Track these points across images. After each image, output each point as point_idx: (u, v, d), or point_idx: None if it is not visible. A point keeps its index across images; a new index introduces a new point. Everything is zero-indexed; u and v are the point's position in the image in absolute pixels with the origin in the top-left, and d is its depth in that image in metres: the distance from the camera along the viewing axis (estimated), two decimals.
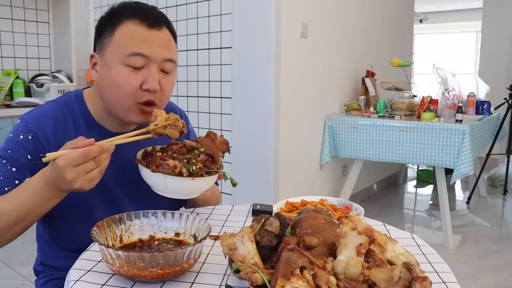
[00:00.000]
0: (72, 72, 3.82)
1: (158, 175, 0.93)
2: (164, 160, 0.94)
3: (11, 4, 3.60)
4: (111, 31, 0.99)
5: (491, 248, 2.99)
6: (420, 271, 0.63)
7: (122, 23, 0.98)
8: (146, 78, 0.97)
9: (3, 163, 0.97)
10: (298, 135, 3.01)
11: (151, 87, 0.97)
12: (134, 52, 0.96)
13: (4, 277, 2.46)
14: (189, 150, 0.99)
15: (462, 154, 2.78)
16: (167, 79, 1.02)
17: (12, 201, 0.89)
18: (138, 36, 0.97)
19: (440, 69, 3.43)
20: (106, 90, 1.00)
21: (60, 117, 1.04)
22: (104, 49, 1.00)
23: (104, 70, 1.00)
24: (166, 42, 1.01)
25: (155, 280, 0.74)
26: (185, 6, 3.10)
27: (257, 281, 0.67)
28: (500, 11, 5.45)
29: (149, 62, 0.98)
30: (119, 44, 0.98)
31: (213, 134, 1.06)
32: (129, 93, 0.97)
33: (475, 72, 6.44)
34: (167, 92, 1.03)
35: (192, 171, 0.94)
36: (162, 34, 1.00)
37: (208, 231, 0.80)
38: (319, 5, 3.05)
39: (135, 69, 0.97)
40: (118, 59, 0.97)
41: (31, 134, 0.99)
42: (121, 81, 0.97)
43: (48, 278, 1.12)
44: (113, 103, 1.01)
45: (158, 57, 0.98)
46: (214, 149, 1.03)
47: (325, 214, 0.80)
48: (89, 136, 1.02)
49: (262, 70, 2.73)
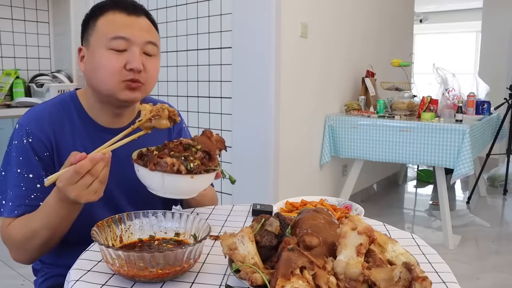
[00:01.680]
0: (72, 72, 3.82)
1: (156, 173, 0.91)
2: (162, 158, 0.92)
3: (11, 4, 3.60)
4: (94, 22, 1.05)
5: (491, 248, 2.99)
6: (420, 271, 0.63)
7: (103, 14, 1.04)
8: (129, 59, 1.01)
9: (18, 173, 1.00)
10: (298, 135, 3.01)
11: (134, 67, 1.01)
12: (116, 36, 1.01)
13: (4, 277, 2.46)
14: (186, 147, 0.98)
15: (462, 154, 2.78)
16: (151, 61, 1.06)
17: (40, 220, 0.94)
18: (118, 21, 1.03)
19: (440, 69, 3.43)
20: (93, 75, 1.04)
21: (55, 115, 1.06)
22: (89, 39, 1.05)
23: (90, 58, 1.05)
24: (146, 26, 1.06)
25: (155, 280, 0.74)
26: (185, 6, 3.10)
27: (257, 281, 0.67)
28: (500, 11, 5.45)
29: (130, 44, 1.02)
30: (102, 31, 1.03)
31: (209, 132, 1.06)
32: (114, 73, 1.01)
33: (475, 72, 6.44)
34: (152, 73, 1.06)
35: (190, 169, 0.92)
36: (141, 20, 1.06)
37: (208, 231, 0.80)
38: (319, 5, 3.05)
39: (118, 52, 1.01)
40: (102, 44, 1.02)
41: (30, 137, 1.02)
42: (104, 63, 1.01)
43: (46, 277, 1.13)
44: (100, 85, 1.04)
45: (139, 39, 1.03)
46: (210, 146, 1.02)
47: (325, 214, 0.80)
48: (85, 132, 1.08)
49: (262, 70, 2.73)
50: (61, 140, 1.04)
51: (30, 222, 0.96)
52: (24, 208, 0.99)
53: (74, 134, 1.07)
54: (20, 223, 0.98)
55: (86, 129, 1.08)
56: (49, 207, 0.93)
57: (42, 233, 0.95)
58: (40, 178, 1.01)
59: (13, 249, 1.02)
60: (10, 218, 1.00)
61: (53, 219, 0.93)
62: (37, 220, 0.95)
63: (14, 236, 0.98)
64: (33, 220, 0.96)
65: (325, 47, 3.18)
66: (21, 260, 1.04)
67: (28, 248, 0.99)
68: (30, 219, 0.97)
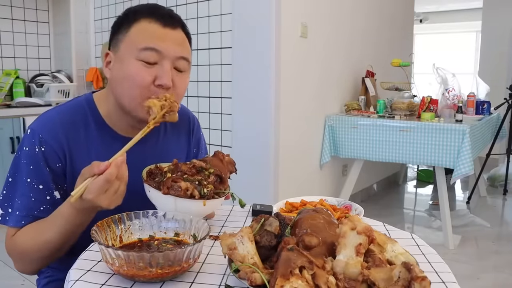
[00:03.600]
0: (72, 72, 3.83)
1: (169, 197, 0.90)
2: (176, 182, 0.92)
3: (11, 4, 3.60)
4: (126, 28, 0.99)
5: (491, 248, 2.99)
6: (419, 271, 0.63)
7: (137, 21, 0.99)
8: (159, 74, 0.97)
9: (28, 182, 0.97)
10: (298, 135, 3.01)
11: (164, 83, 0.96)
12: (147, 47, 0.96)
13: (4, 277, 2.46)
14: (199, 170, 0.98)
15: (462, 154, 2.78)
16: (181, 77, 1.01)
17: (53, 231, 0.93)
18: (152, 32, 0.98)
19: (440, 69, 3.43)
20: (119, 85, 0.99)
21: (69, 121, 1.02)
22: (119, 45, 1.00)
23: (117, 66, 1.00)
24: (180, 40, 1.01)
25: (155, 280, 0.74)
26: (185, 6, 3.10)
27: (256, 281, 0.67)
28: (500, 11, 5.45)
29: (162, 58, 0.97)
30: (133, 39, 0.98)
31: (221, 154, 1.06)
32: (141, 87, 0.96)
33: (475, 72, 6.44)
34: (180, 91, 1.02)
35: (203, 194, 0.93)
36: (175, 33, 1.01)
37: (207, 231, 0.80)
38: (319, 5, 3.05)
39: (148, 64, 0.97)
40: (132, 53, 0.97)
41: (43, 146, 0.97)
42: (133, 74, 0.96)
43: (50, 279, 1.12)
44: (123, 97, 0.99)
45: (171, 53, 0.98)
46: (222, 169, 1.02)
47: (325, 214, 0.80)
48: (100, 139, 1.03)
49: (262, 70, 2.73)
50: (74, 149, 1.01)
51: (41, 232, 0.94)
52: (31, 219, 0.97)
53: (89, 142, 1.03)
54: (29, 234, 0.96)
55: (101, 137, 1.04)
56: (63, 217, 0.91)
57: (54, 242, 0.93)
58: (50, 190, 0.98)
59: (18, 260, 1.00)
60: (16, 228, 0.97)
61: (69, 228, 0.92)
62: (49, 230, 0.93)
63: (21, 247, 0.96)
64: (45, 231, 0.93)
65: (325, 47, 3.18)
66: (26, 270, 1.02)
67: (36, 259, 0.97)
68: (41, 230, 0.95)
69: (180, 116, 1.10)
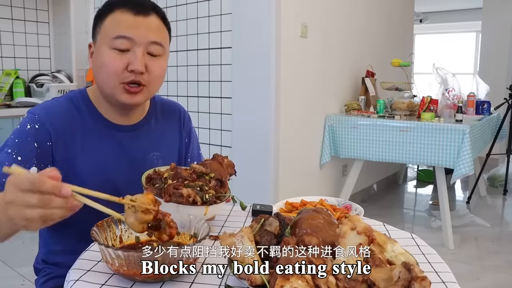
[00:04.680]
0: (72, 72, 3.83)
1: (171, 205, 0.90)
2: (177, 189, 0.91)
3: (11, 4, 3.60)
4: (102, 20, 1.04)
5: (491, 248, 2.99)
6: (419, 270, 0.63)
7: (112, 12, 1.03)
8: (131, 60, 1.01)
9: (8, 152, 0.98)
10: (298, 135, 3.01)
11: (135, 68, 1.00)
12: (119, 35, 1.01)
13: (4, 277, 2.46)
14: (199, 176, 0.98)
15: (462, 154, 2.77)
16: (155, 61, 1.04)
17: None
18: (124, 21, 1.02)
19: (440, 69, 3.43)
20: (97, 73, 1.05)
21: (67, 110, 1.07)
22: (96, 37, 1.06)
23: (96, 56, 1.05)
24: (153, 26, 1.04)
25: (155, 280, 0.74)
26: (185, 6, 3.10)
27: (256, 281, 0.67)
28: (500, 11, 5.45)
29: (133, 44, 1.01)
30: (107, 30, 1.03)
31: (220, 157, 1.07)
32: (115, 74, 1.01)
33: (475, 72, 6.44)
34: (156, 74, 1.05)
35: (205, 200, 0.93)
36: (148, 19, 1.04)
37: (207, 231, 0.80)
38: (319, 5, 3.05)
39: (121, 52, 1.01)
40: (106, 43, 1.02)
41: (38, 124, 1.01)
42: (107, 62, 1.01)
43: (48, 277, 1.12)
44: (102, 85, 1.05)
45: (142, 39, 1.02)
46: (222, 172, 1.02)
47: (325, 214, 0.80)
48: (95, 126, 1.08)
49: (262, 70, 2.73)
50: (68, 136, 1.04)
51: None
52: None
53: (84, 131, 1.07)
54: None
55: (96, 125, 1.09)
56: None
57: None
58: (27, 164, 0.97)
59: None
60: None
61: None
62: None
63: None
64: None
65: (325, 47, 3.18)
66: None
67: None
68: None
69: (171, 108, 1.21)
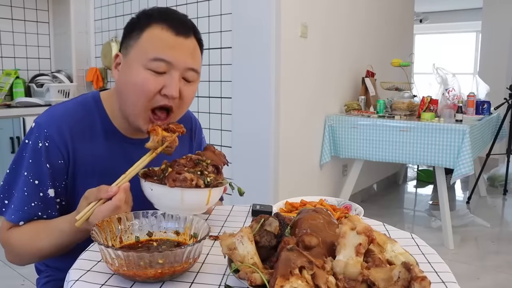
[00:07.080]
0: (72, 72, 3.83)
1: (176, 190, 0.90)
2: (180, 174, 0.91)
3: (11, 4, 3.61)
4: (138, 33, 0.97)
5: (491, 248, 2.99)
6: (419, 270, 0.63)
7: (150, 26, 0.97)
8: (166, 84, 0.95)
9: (25, 175, 0.96)
10: (298, 135, 3.01)
11: (170, 93, 0.95)
12: (157, 57, 0.95)
13: (4, 277, 2.46)
14: (196, 163, 0.98)
15: (462, 154, 2.77)
16: (188, 87, 1.00)
17: (49, 242, 0.94)
18: (164, 41, 0.96)
19: (440, 69, 3.43)
20: (124, 90, 0.99)
21: (77, 119, 1.01)
22: (129, 50, 0.98)
23: (125, 71, 0.98)
24: (191, 50, 0.99)
25: (155, 280, 0.74)
26: (185, 6, 3.10)
27: (256, 281, 0.67)
28: (500, 11, 5.45)
29: (171, 68, 0.96)
30: (144, 47, 0.96)
31: (212, 147, 1.07)
32: (146, 96, 0.96)
33: (475, 72, 6.44)
34: (186, 101, 1.01)
35: (207, 183, 0.93)
36: (188, 42, 0.98)
37: (207, 231, 0.80)
38: (319, 5, 3.05)
39: (157, 74, 0.95)
40: (141, 61, 0.95)
41: (47, 141, 0.97)
42: (140, 83, 0.95)
43: (50, 279, 1.12)
44: (127, 103, 0.99)
45: (181, 64, 0.97)
46: (218, 160, 1.03)
47: (324, 214, 0.80)
48: (105, 139, 1.03)
49: (262, 70, 2.73)
50: (79, 147, 1.00)
51: (37, 240, 0.95)
52: (21, 214, 0.96)
53: (94, 142, 1.02)
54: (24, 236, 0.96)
55: (106, 136, 1.04)
56: (62, 232, 0.92)
57: (47, 251, 0.95)
58: (44, 187, 0.97)
59: (9, 253, 1.01)
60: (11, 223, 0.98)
61: (65, 242, 0.94)
62: (45, 240, 0.94)
63: (14, 245, 0.98)
64: (41, 239, 0.95)
65: (325, 47, 3.18)
66: (14, 263, 1.04)
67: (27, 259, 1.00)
68: (37, 236, 0.95)
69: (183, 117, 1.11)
